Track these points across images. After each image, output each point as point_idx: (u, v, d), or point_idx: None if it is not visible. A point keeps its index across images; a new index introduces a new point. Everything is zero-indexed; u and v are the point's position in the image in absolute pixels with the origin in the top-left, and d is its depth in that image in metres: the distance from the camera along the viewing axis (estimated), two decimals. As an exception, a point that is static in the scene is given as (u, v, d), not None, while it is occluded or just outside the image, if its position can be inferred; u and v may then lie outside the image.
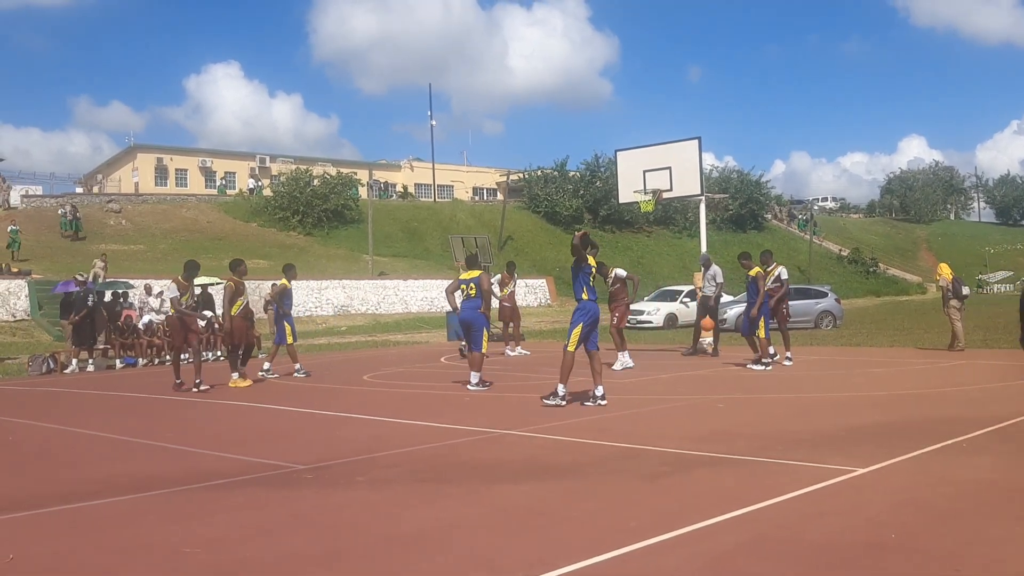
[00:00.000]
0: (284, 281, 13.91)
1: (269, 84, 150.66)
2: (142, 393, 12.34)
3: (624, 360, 13.70)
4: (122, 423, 9.33)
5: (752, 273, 13.36)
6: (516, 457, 6.67)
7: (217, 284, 19.45)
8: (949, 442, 6.56)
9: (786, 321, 13.98)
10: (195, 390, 11.72)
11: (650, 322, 27.75)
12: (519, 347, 17.49)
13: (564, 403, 9.05)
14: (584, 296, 9.22)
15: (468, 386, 10.90)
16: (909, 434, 6.96)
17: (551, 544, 4.24)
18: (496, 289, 18.18)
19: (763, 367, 12.75)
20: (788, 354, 13.67)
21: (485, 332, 11.20)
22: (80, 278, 18.38)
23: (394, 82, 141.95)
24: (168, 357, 18.63)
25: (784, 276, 13.97)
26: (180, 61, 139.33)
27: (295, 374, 13.60)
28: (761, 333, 13.09)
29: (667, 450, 6.62)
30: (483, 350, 11.13)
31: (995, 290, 56.73)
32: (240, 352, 12.74)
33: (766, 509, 4.76)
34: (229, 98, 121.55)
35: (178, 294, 12.19)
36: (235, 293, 12.39)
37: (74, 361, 16.96)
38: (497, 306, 18.66)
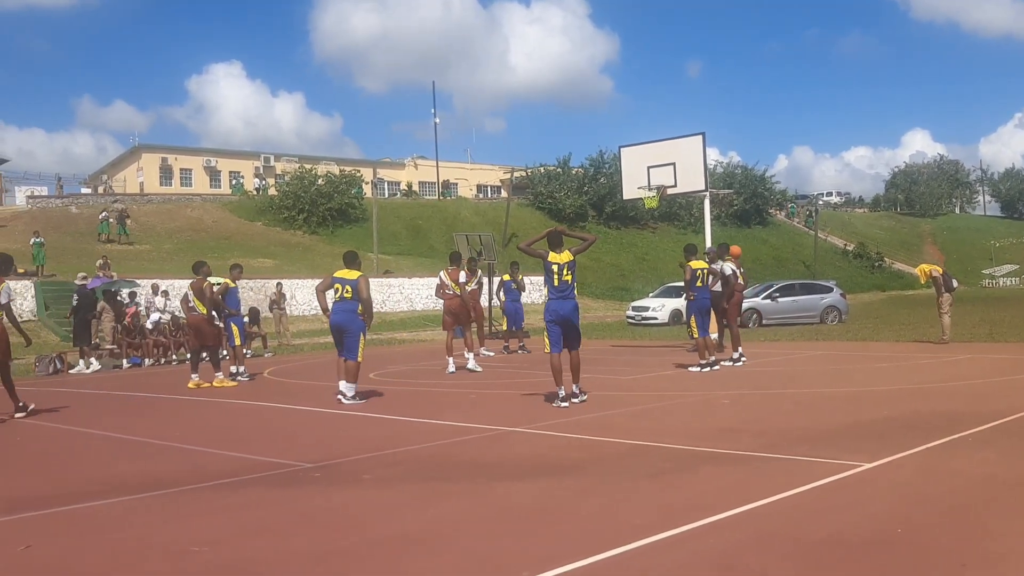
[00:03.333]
0: (227, 280, 13.34)
1: (271, 83, 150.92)
2: (148, 393, 12.37)
3: (451, 365, 13.36)
4: (128, 423, 9.36)
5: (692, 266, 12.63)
6: (520, 455, 6.68)
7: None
8: (954, 437, 6.55)
9: (730, 318, 13.42)
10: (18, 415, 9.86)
11: (655, 318, 27.73)
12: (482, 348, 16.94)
13: (566, 403, 9.00)
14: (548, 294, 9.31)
15: (342, 399, 9.88)
16: (914, 429, 6.94)
17: (555, 542, 4.24)
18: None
19: (699, 368, 12.15)
20: (734, 354, 13.02)
21: (361, 338, 10.02)
22: (79, 281, 18.41)
23: (396, 80, 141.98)
24: (175, 358, 18.74)
25: (726, 272, 13.38)
26: (182, 61, 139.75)
27: (237, 377, 13.23)
28: (695, 333, 12.44)
29: (672, 446, 6.62)
30: (359, 359, 10.04)
31: (1001, 284, 56.54)
32: (204, 353, 12.99)
33: (772, 505, 4.76)
34: (232, 98, 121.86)
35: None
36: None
37: (81, 361, 17.02)
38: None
